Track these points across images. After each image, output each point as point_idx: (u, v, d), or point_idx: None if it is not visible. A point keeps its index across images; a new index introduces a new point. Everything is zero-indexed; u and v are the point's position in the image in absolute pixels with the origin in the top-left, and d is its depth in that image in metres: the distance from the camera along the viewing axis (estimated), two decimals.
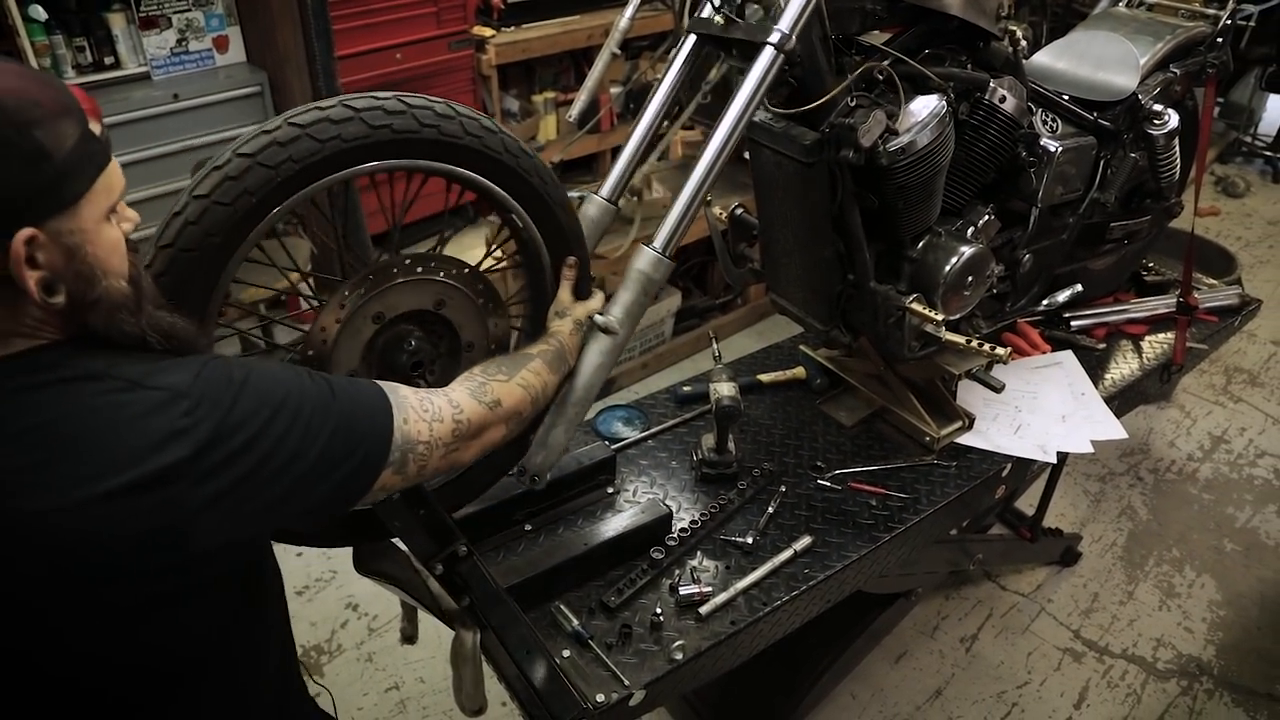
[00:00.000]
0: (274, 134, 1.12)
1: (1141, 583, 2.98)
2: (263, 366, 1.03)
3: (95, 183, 0.94)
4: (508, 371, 1.29)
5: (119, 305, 0.98)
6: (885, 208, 1.71)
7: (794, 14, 1.41)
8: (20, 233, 0.87)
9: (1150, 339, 2.44)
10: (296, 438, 1.00)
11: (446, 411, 1.17)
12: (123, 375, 0.94)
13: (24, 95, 0.88)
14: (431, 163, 1.23)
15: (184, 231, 1.10)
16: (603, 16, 4.54)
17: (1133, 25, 2.26)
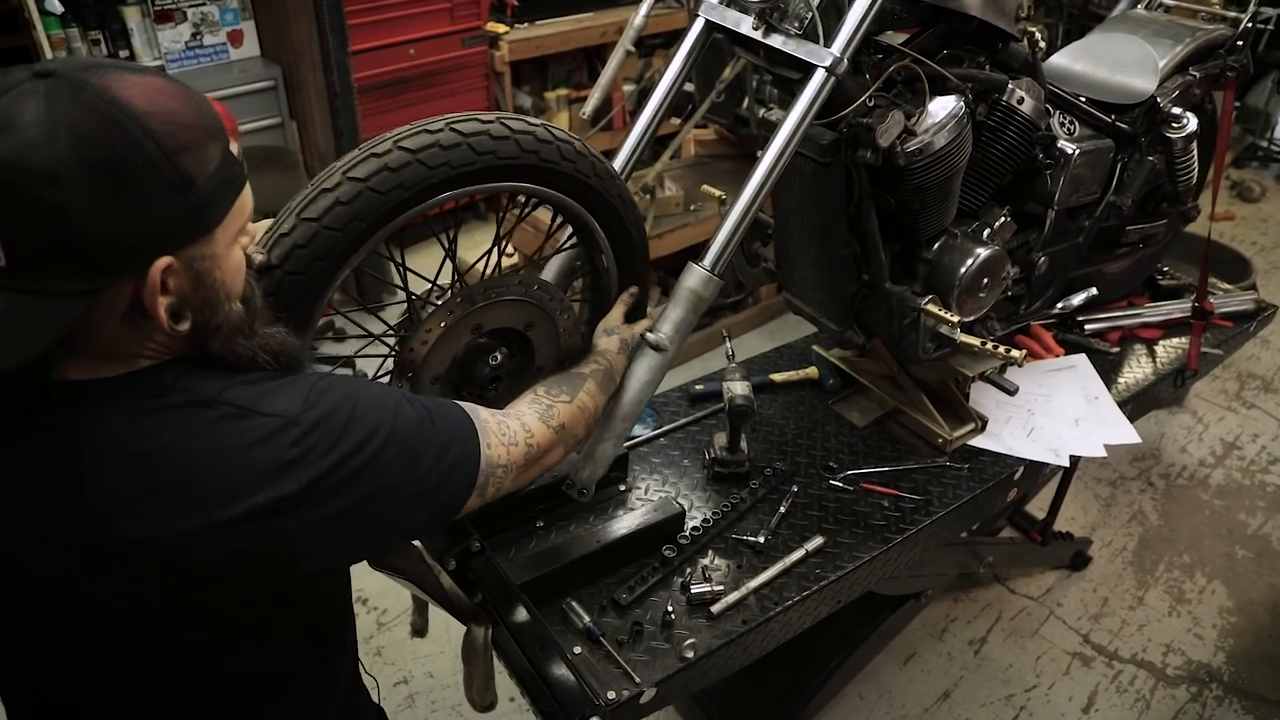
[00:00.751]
0: (384, 159, 1.12)
1: (1152, 588, 2.97)
2: (367, 391, 1.02)
3: (232, 207, 0.93)
4: (569, 393, 1.32)
5: (236, 329, 0.98)
6: (901, 208, 1.71)
7: (847, 37, 1.42)
8: (159, 261, 0.86)
9: (1164, 343, 2.43)
10: (402, 466, 1.00)
11: (520, 435, 1.20)
12: (234, 401, 0.93)
13: (175, 118, 0.85)
14: (531, 185, 1.27)
15: (293, 254, 1.11)
16: (616, 14, 4.55)
17: (1152, 27, 2.24)
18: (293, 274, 1.12)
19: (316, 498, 0.93)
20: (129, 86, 0.83)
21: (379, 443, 0.97)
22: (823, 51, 1.41)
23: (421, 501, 1.04)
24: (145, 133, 0.82)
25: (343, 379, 1.03)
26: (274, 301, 1.11)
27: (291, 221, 1.12)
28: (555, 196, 1.31)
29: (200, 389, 0.94)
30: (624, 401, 1.42)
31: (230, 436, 0.91)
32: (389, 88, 3.98)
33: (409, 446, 1.01)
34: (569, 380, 1.35)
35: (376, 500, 0.98)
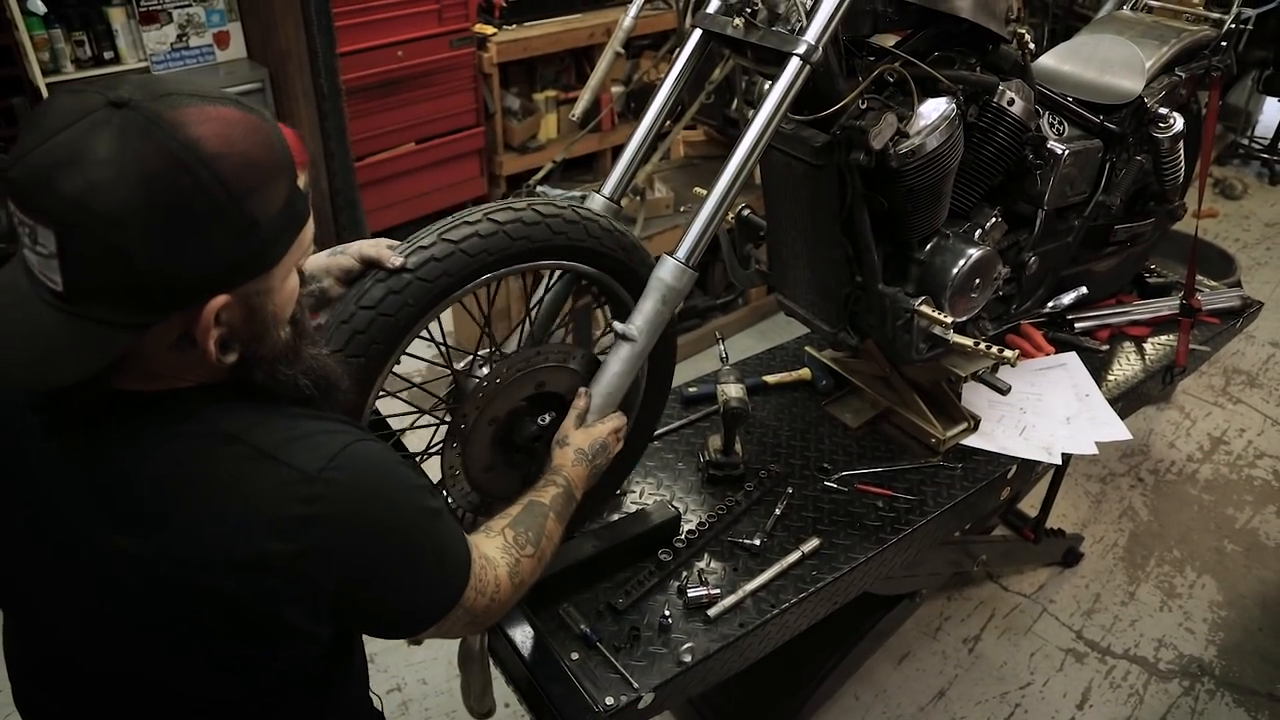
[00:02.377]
0: (430, 250, 1.25)
1: (1143, 583, 2.99)
2: (396, 482, 1.00)
3: (294, 243, 0.92)
4: (533, 543, 1.26)
5: (280, 356, 0.97)
6: (894, 210, 1.71)
7: (821, 24, 1.41)
8: (215, 300, 0.85)
9: (1153, 341, 2.44)
10: (395, 577, 1.01)
11: (489, 589, 1.15)
12: (256, 443, 0.92)
13: (246, 159, 0.84)
14: (564, 262, 1.39)
15: (352, 340, 1.23)
16: (604, 15, 4.54)
17: (1138, 29, 2.26)
18: (353, 356, 1.23)
19: (307, 569, 0.92)
20: (203, 124, 0.82)
21: (384, 542, 0.97)
22: (797, 40, 1.41)
23: (398, 610, 1.05)
24: (215, 177, 0.81)
25: (378, 446, 1.00)
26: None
27: (350, 310, 1.24)
28: (586, 270, 1.42)
29: (224, 423, 0.93)
30: (596, 393, 1.41)
31: (244, 481, 0.91)
32: (377, 89, 3.96)
33: (410, 561, 1.01)
34: (534, 519, 1.28)
35: (359, 593, 0.98)
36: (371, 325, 1.23)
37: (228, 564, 0.89)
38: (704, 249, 1.42)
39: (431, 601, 1.07)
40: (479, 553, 1.15)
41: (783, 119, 1.44)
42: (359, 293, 1.24)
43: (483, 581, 1.13)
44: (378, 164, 4.09)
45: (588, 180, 4.65)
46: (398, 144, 4.17)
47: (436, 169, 4.33)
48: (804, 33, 1.41)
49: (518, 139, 4.54)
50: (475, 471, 1.45)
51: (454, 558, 1.09)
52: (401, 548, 1.00)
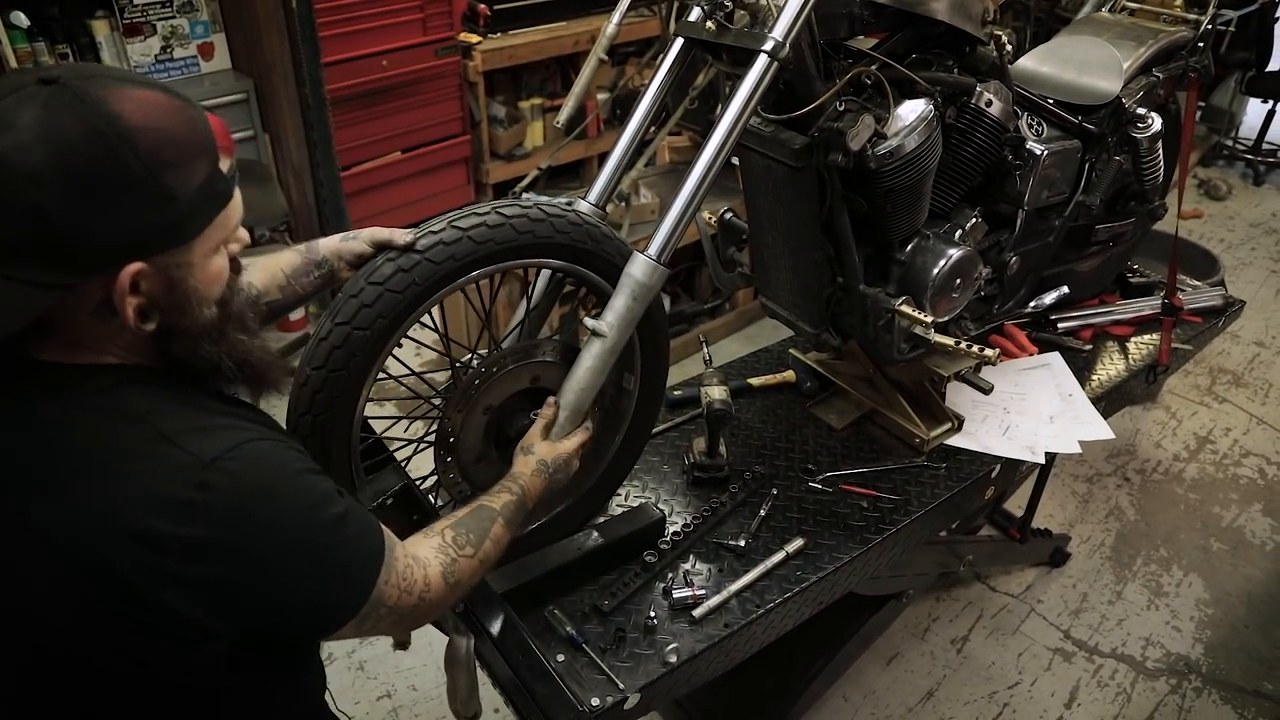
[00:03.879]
0: (440, 234, 1.30)
1: (1130, 582, 3.00)
2: (290, 481, 1.00)
3: (214, 220, 0.96)
4: (474, 545, 1.25)
5: (202, 333, 1.00)
6: (874, 211, 1.72)
7: (788, 22, 1.41)
8: (130, 266, 0.90)
9: (1136, 340, 2.46)
10: (286, 575, 0.99)
11: (418, 588, 1.14)
12: (159, 426, 0.94)
13: (164, 135, 0.89)
14: (562, 263, 1.43)
15: (359, 313, 1.28)
16: (589, 23, 4.55)
17: (1115, 30, 2.28)
18: (334, 370, 1.29)
19: (192, 553, 0.92)
20: (125, 100, 0.88)
21: (280, 532, 0.97)
22: (764, 36, 1.42)
23: (297, 608, 1.03)
24: (133, 149, 0.87)
25: (284, 449, 1.02)
26: (323, 398, 1.28)
27: (327, 327, 1.29)
28: (581, 272, 1.46)
29: (134, 403, 0.95)
30: (567, 391, 1.42)
31: (142, 460, 0.93)
32: (362, 99, 3.96)
33: (308, 549, 1.00)
34: (479, 523, 1.28)
35: (248, 589, 0.97)
36: (379, 300, 1.27)
37: (120, 536, 0.90)
38: (674, 246, 1.43)
39: (334, 602, 1.05)
40: (405, 552, 1.14)
41: (750, 116, 1.45)
42: (370, 269, 1.30)
43: (408, 580, 1.12)
44: (364, 173, 4.09)
45: (574, 187, 4.66)
46: (384, 153, 4.17)
47: (423, 177, 4.33)
48: (772, 30, 1.42)
49: (504, 147, 4.55)
50: (467, 461, 1.48)
51: (360, 558, 1.07)
52: (293, 546, 0.99)
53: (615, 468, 1.71)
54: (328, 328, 1.29)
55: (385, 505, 1.37)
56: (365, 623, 1.09)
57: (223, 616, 0.98)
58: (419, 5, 3.99)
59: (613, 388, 1.64)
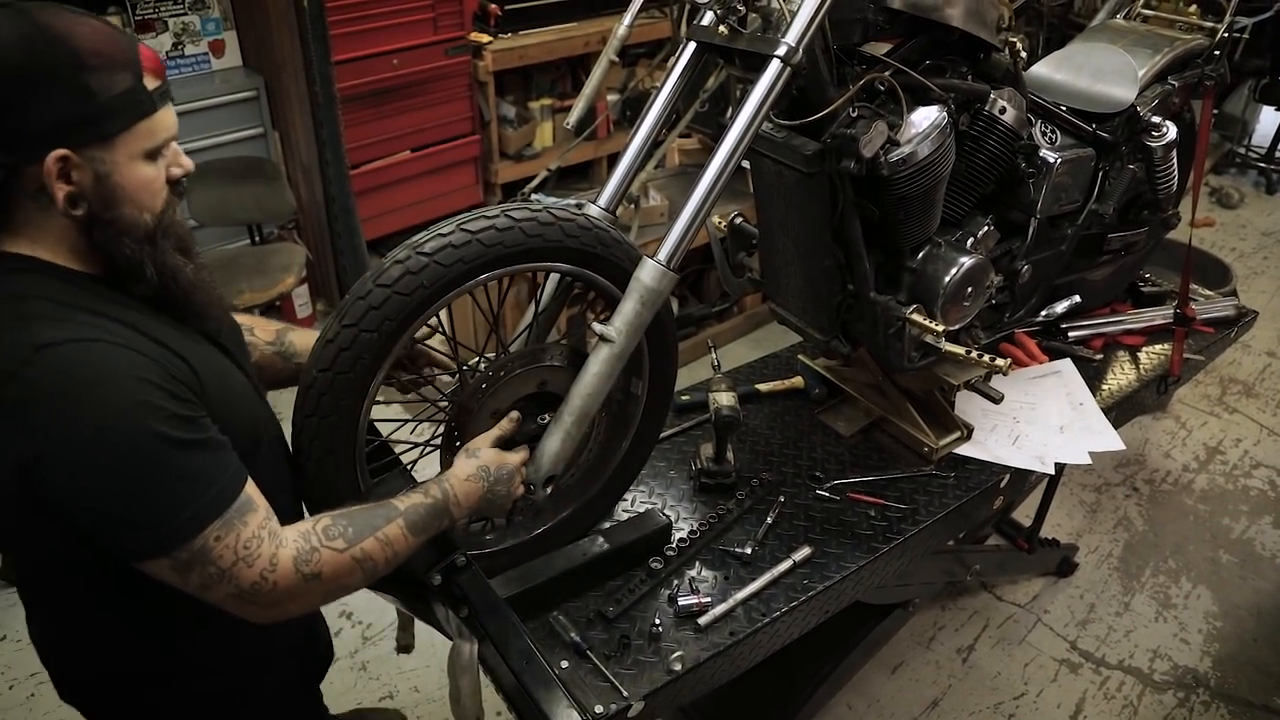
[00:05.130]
0: (449, 237, 1.29)
1: (1138, 594, 2.98)
2: (124, 388, 1.05)
3: (135, 127, 1.09)
4: (349, 540, 1.22)
5: (127, 231, 1.12)
6: (885, 218, 1.71)
7: (801, 27, 1.40)
8: (55, 152, 1.04)
9: (1147, 350, 2.44)
10: (87, 471, 1.04)
11: (260, 564, 1.13)
12: (24, 309, 1.07)
13: (88, 43, 1.05)
14: (570, 267, 1.42)
15: (366, 315, 1.28)
16: (599, 23, 4.55)
17: (1130, 38, 2.26)
18: (341, 373, 1.29)
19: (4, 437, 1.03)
20: (59, 16, 1.05)
21: (85, 425, 1.02)
22: (777, 41, 1.41)
23: (93, 513, 1.06)
24: (56, 50, 1.03)
25: (143, 362, 1.08)
26: (329, 400, 1.29)
27: (335, 329, 1.29)
28: (590, 276, 1.45)
29: (23, 288, 1.08)
30: (574, 395, 1.40)
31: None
32: (372, 98, 3.96)
33: (115, 455, 1.04)
34: (367, 519, 1.24)
35: (50, 472, 1.03)
36: (386, 303, 1.27)
37: None
38: (684, 251, 1.42)
39: (136, 523, 1.07)
40: (264, 524, 1.14)
41: (763, 122, 1.44)
42: (377, 271, 1.29)
43: (251, 550, 1.12)
44: (373, 172, 4.09)
45: (583, 188, 4.65)
46: (393, 152, 4.17)
47: (432, 177, 4.33)
48: (785, 35, 1.41)
49: (513, 147, 4.55)
50: None
51: (185, 495, 1.08)
52: (98, 445, 1.03)
53: (622, 473, 1.70)
54: (335, 330, 1.28)
55: None
56: (190, 574, 1.10)
57: (29, 496, 1.05)
58: (430, 4, 4.00)
59: (620, 392, 1.63)
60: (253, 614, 1.17)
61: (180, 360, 1.15)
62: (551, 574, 1.57)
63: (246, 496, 1.14)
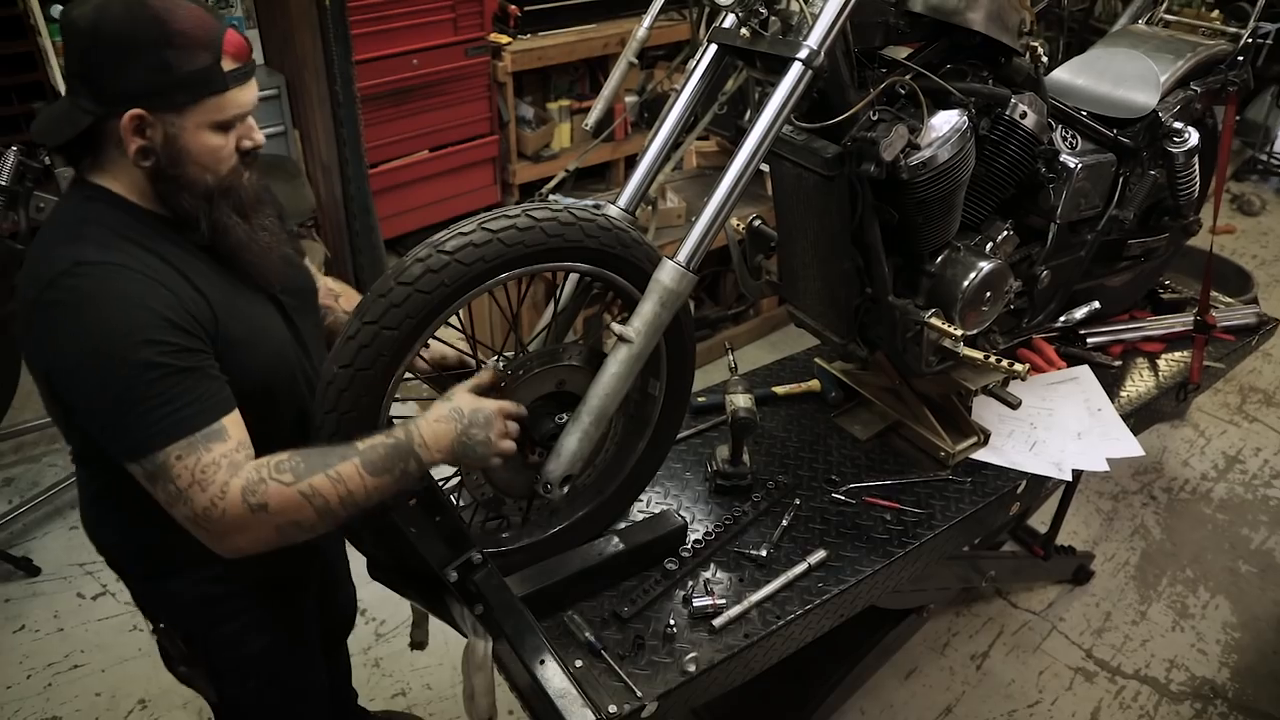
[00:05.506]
0: (470, 236, 1.31)
1: (1155, 603, 2.96)
2: (130, 313, 1.21)
3: (205, 101, 1.26)
4: (300, 473, 1.25)
5: (187, 187, 1.30)
6: (905, 222, 1.71)
7: (823, 30, 1.40)
8: (131, 111, 1.22)
9: (1166, 357, 2.43)
10: (81, 371, 1.21)
11: (211, 489, 1.22)
12: (79, 231, 1.26)
13: (179, 24, 1.21)
14: (590, 267, 1.43)
15: (388, 313, 1.29)
16: (618, 25, 4.56)
17: (1153, 43, 2.25)
18: (361, 369, 1.31)
19: (31, 316, 1.23)
20: (162, 2, 1.21)
21: (88, 336, 1.19)
22: (799, 44, 1.41)
23: (79, 409, 1.26)
24: (148, 27, 1.20)
25: (159, 292, 1.24)
26: (349, 396, 1.31)
27: (356, 326, 1.31)
28: (610, 277, 1.46)
29: (88, 214, 1.28)
30: (592, 394, 1.40)
31: (48, 245, 1.27)
32: (392, 97, 3.99)
33: (105, 364, 1.19)
34: (321, 456, 1.27)
35: (53, 365, 1.24)
36: (407, 300, 1.28)
37: (22, 301, 1.25)
38: (704, 253, 1.42)
39: (111, 426, 1.23)
40: (227, 454, 1.24)
41: (784, 124, 1.44)
42: (399, 269, 1.30)
43: (207, 475, 1.22)
44: (392, 171, 4.12)
45: (600, 189, 4.66)
46: (412, 151, 4.19)
47: (450, 177, 4.35)
48: (807, 38, 1.41)
49: (531, 148, 4.56)
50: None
51: (159, 414, 1.21)
52: (94, 353, 1.20)
53: (639, 473, 1.71)
54: (356, 326, 1.29)
55: (409, 506, 1.37)
56: (156, 487, 1.24)
57: (54, 391, 1.27)
58: (450, 5, 4.02)
59: (638, 393, 1.63)
60: (208, 541, 1.26)
61: (201, 298, 1.30)
62: (567, 573, 1.57)
63: (220, 426, 1.25)
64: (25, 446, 3.42)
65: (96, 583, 2.89)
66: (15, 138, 3.11)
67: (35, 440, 3.43)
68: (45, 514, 3.12)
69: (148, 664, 2.63)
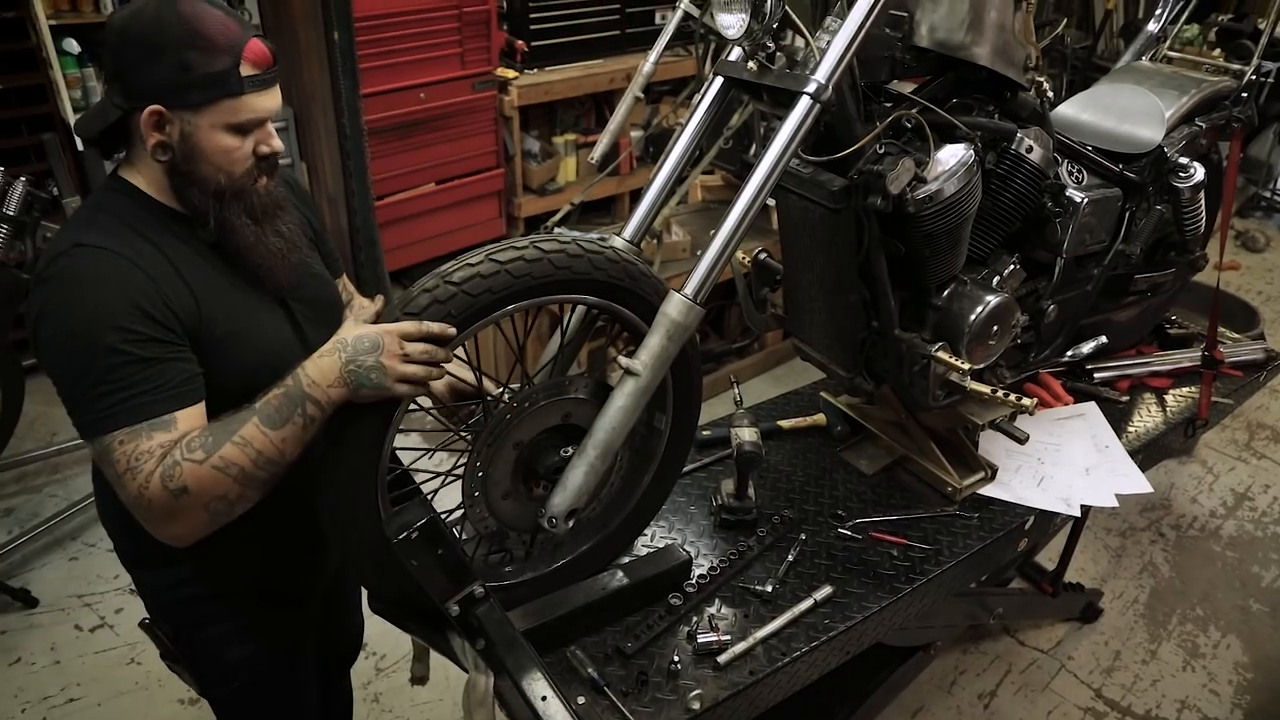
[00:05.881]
0: (477, 267, 1.30)
1: (1165, 642, 2.91)
2: (109, 297, 1.25)
3: (220, 103, 1.30)
4: (209, 448, 1.25)
5: (198, 184, 1.35)
6: (911, 255, 1.70)
7: (831, 64, 1.40)
8: (151, 107, 1.29)
9: (1174, 392, 2.41)
10: (51, 344, 1.26)
11: (139, 479, 1.25)
12: (93, 219, 1.34)
13: (202, 28, 1.27)
14: (596, 299, 1.43)
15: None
16: (624, 61, 4.60)
17: (1158, 79, 2.26)
18: None
19: (32, 289, 1.29)
20: (193, 6, 1.29)
21: (64, 312, 1.25)
22: (807, 79, 1.41)
23: (52, 375, 1.28)
24: (173, 30, 1.27)
25: (145, 283, 1.28)
26: None
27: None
28: (616, 309, 1.45)
29: (106, 204, 1.36)
30: (597, 428, 1.38)
31: (66, 230, 1.36)
32: (399, 130, 4.01)
33: (71, 343, 1.25)
34: (224, 426, 1.27)
35: (35, 333, 1.28)
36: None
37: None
38: (711, 287, 1.41)
39: (71, 407, 1.27)
40: (164, 446, 1.25)
41: (791, 158, 1.43)
42: (405, 300, 1.30)
43: (138, 465, 1.25)
44: (398, 203, 4.13)
45: (605, 222, 4.68)
46: (418, 184, 4.21)
47: (456, 209, 4.37)
48: (815, 72, 1.41)
49: (537, 181, 4.59)
50: (494, 496, 1.46)
51: (110, 401, 1.24)
52: (64, 328, 1.25)
53: (643, 507, 1.69)
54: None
55: (411, 539, 1.35)
56: (104, 469, 1.29)
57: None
58: (458, 40, 4.06)
59: (643, 426, 1.62)
60: (150, 528, 1.29)
61: (187, 291, 1.34)
62: (570, 608, 1.55)
63: (170, 418, 1.27)
64: (27, 477, 3.40)
65: (95, 615, 2.86)
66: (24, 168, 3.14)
67: (37, 470, 3.41)
68: (45, 544, 3.10)
69: (145, 698, 2.60)
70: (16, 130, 3.46)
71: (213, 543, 1.38)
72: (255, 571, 1.59)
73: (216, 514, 1.29)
